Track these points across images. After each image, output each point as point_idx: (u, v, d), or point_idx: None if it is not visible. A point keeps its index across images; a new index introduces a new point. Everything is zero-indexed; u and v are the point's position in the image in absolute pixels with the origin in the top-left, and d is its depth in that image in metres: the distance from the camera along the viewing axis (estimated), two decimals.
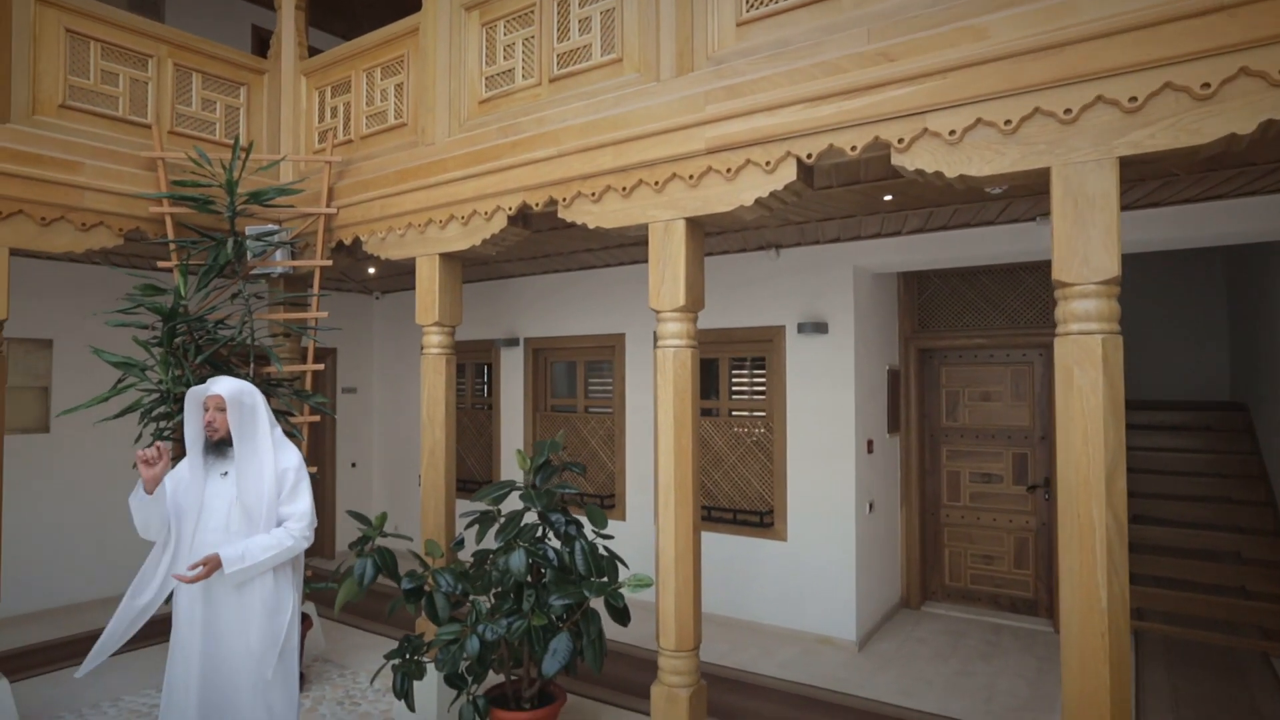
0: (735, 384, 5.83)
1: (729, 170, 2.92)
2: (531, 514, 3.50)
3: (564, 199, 3.39)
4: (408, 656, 3.40)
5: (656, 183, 3.10)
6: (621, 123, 3.20)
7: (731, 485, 5.74)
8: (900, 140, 2.56)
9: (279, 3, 4.87)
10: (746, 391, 5.78)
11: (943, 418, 6.02)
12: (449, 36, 3.93)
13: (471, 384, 7.63)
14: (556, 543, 3.46)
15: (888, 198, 3.96)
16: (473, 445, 7.47)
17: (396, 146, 4.22)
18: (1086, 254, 2.23)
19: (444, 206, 3.84)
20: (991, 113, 2.40)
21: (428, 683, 3.75)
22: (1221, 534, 5.61)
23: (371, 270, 6.43)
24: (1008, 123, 2.37)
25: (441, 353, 4.00)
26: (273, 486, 2.87)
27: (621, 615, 3.24)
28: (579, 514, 5.25)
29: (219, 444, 2.90)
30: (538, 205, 3.50)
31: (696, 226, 3.15)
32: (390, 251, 4.14)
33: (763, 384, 5.67)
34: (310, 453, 4.12)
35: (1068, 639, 2.25)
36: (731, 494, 5.73)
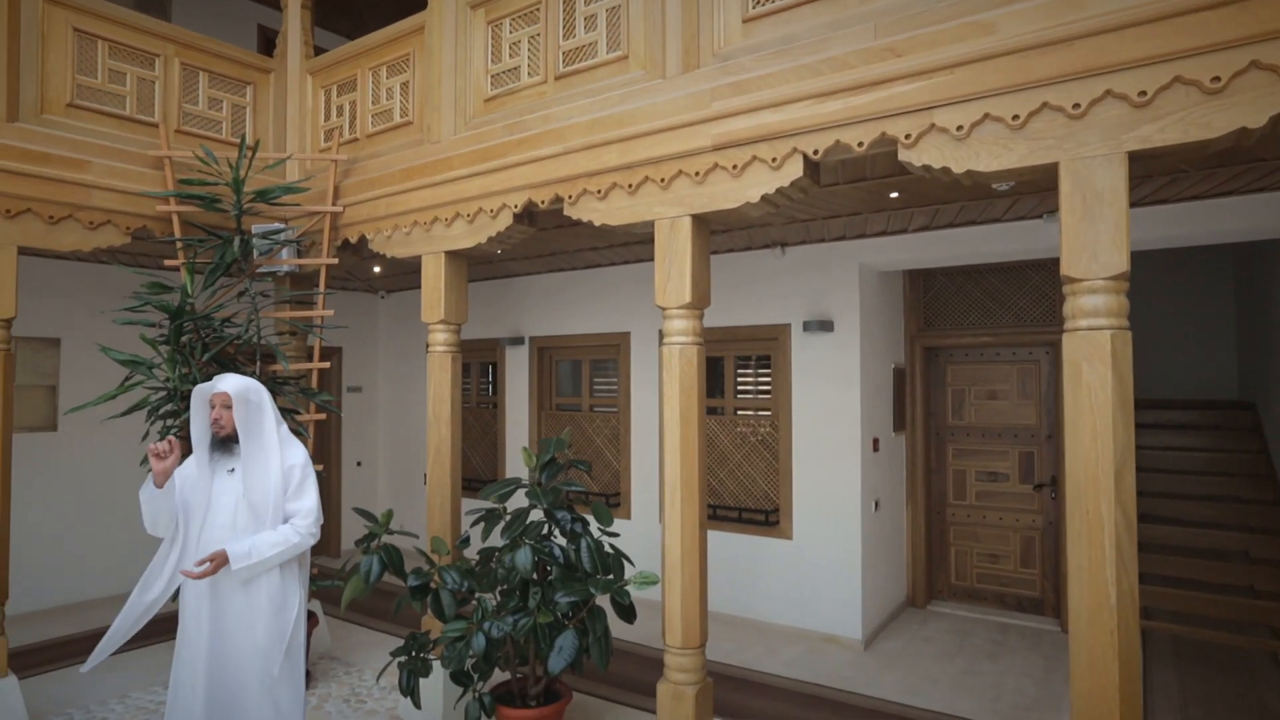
0: (740, 382, 5.82)
1: (735, 167, 2.92)
2: (537, 511, 3.51)
3: (570, 196, 3.39)
4: (414, 654, 3.41)
5: (662, 180, 3.10)
6: (627, 120, 3.20)
7: (737, 484, 5.73)
8: (907, 136, 2.55)
9: (285, 2, 4.88)
10: (751, 390, 5.77)
11: (948, 416, 6.00)
12: (454, 34, 3.93)
13: (476, 383, 7.64)
14: (562, 540, 3.46)
15: (894, 195, 3.95)
16: (478, 444, 7.48)
17: (402, 145, 4.23)
18: (1095, 249, 2.22)
19: (449, 204, 3.85)
20: (999, 108, 2.39)
21: (434, 680, 3.76)
22: (1229, 533, 5.58)
23: (377, 269, 6.44)
24: (1015, 118, 2.36)
25: (447, 350, 4.00)
26: (279, 483, 2.88)
27: (627, 613, 3.24)
28: (585, 513, 5.25)
29: (225, 441, 2.90)
30: (543, 203, 3.50)
31: (702, 223, 3.15)
32: (396, 250, 4.15)
33: (768, 382, 5.66)
34: (316, 451, 4.12)
35: (1076, 636, 2.24)
36: (737, 493, 5.73)
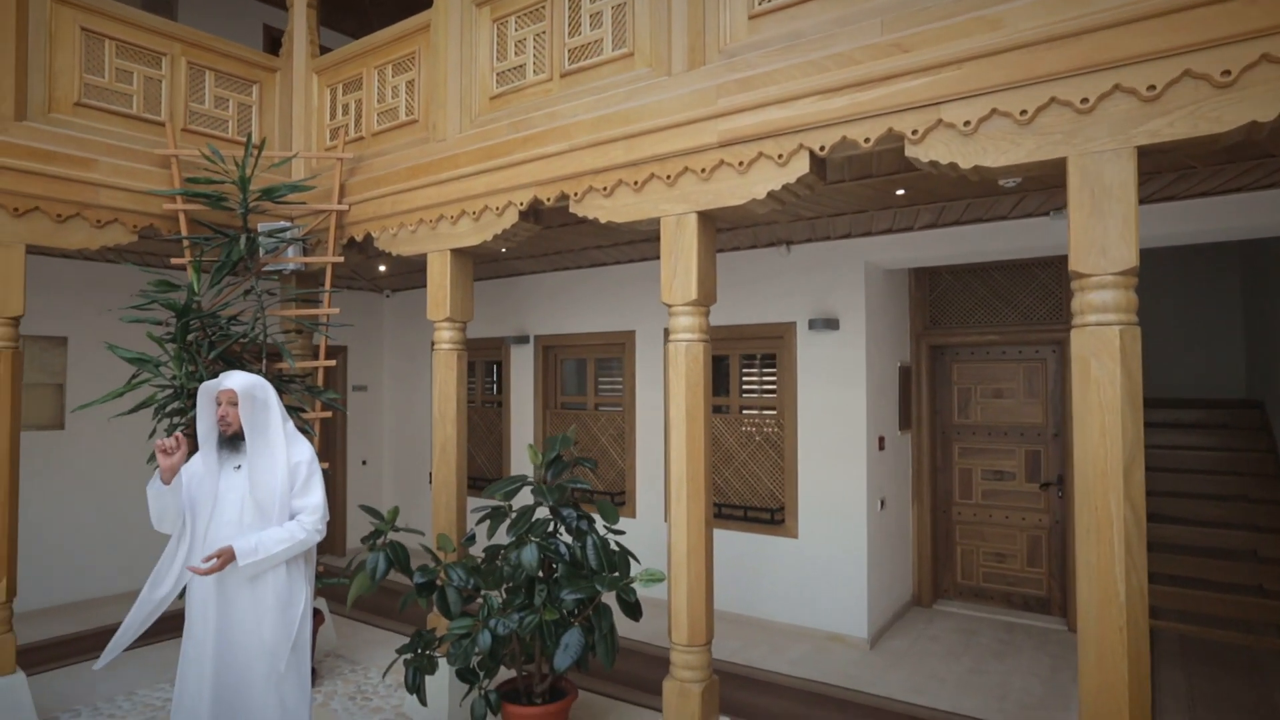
0: (745, 381, 5.81)
1: (741, 163, 2.91)
2: (543, 509, 3.51)
3: (575, 194, 3.39)
4: (420, 651, 3.41)
5: (668, 176, 3.10)
6: (633, 117, 3.19)
7: (742, 482, 5.72)
8: (914, 131, 2.55)
9: (290, 1, 4.89)
10: (756, 389, 5.77)
11: (954, 415, 5.99)
12: (460, 33, 3.93)
13: (481, 382, 7.65)
14: (568, 538, 3.46)
15: (900, 192, 3.94)
16: (483, 443, 7.48)
17: (408, 143, 4.23)
18: (1104, 245, 2.21)
19: (455, 202, 3.85)
20: (1007, 103, 2.38)
21: (439, 677, 3.76)
22: (1238, 532, 5.55)
23: (382, 268, 6.45)
24: (1023, 113, 2.35)
25: (453, 348, 4.00)
26: (285, 480, 2.88)
27: (633, 610, 3.23)
28: (590, 511, 5.25)
29: (232, 438, 2.91)
30: (549, 200, 3.50)
31: (708, 220, 3.14)
32: (402, 247, 4.15)
33: (773, 381, 5.65)
34: (321, 450, 4.13)
35: (1085, 634, 2.23)
36: (742, 491, 5.72)
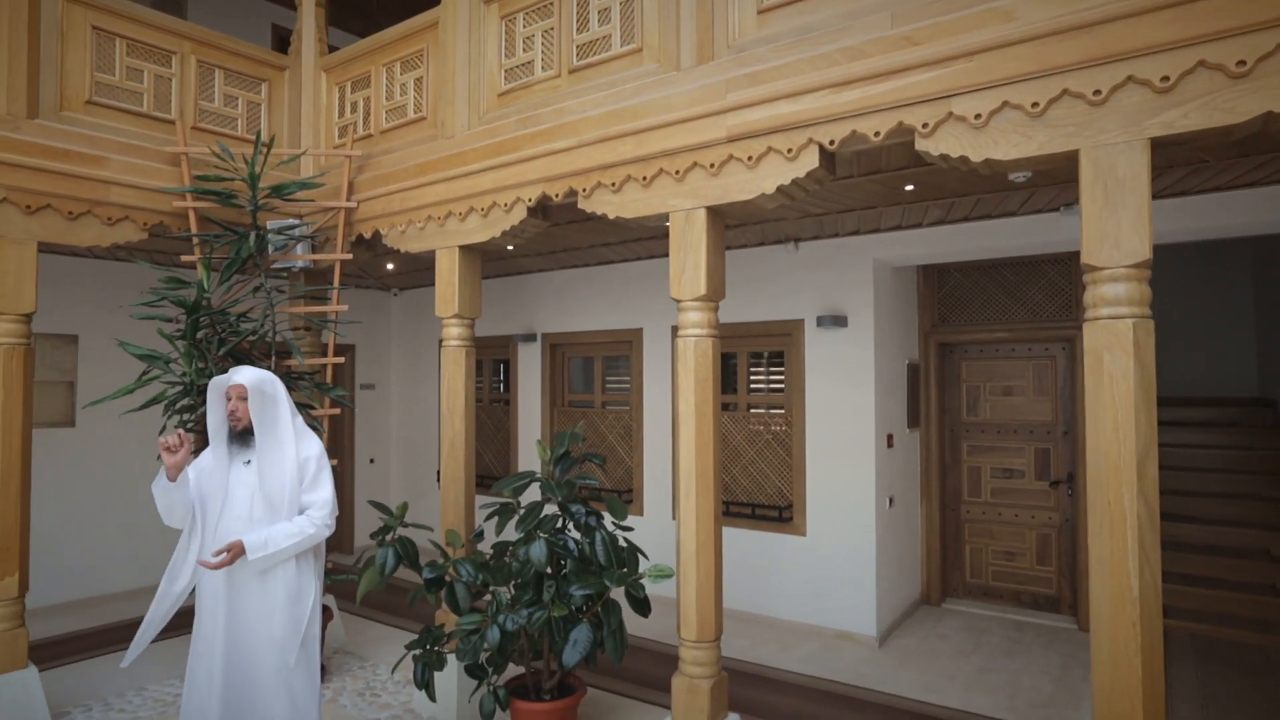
0: (754, 379, 5.80)
1: (750, 158, 2.91)
2: (551, 505, 3.51)
3: (584, 189, 3.39)
4: (429, 647, 3.41)
5: (677, 172, 3.09)
6: (642, 112, 3.19)
7: (750, 480, 5.71)
8: (924, 125, 2.53)
9: (299, 0, 4.91)
10: (764, 386, 5.75)
11: (963, 412, 5.96)
12: (468, 30, 3.94)
13: (489, 380, 7.66)
14: (576, 534, 3.46)
15: (909, 187, 3.92)
16: (490, 441, 7.49)
17: (416, 140, 4.24)
18: (1117, 237, 2.19)
19: (463, 199, 3.85)
20: (1018, 95, 2.36)
21: (448, 673, 3.77)
22: (1250, 531, 5.51)
23: (390, 266, 6.47)
24: (1035, 105, 2.33)
25: (461, 345, 4.01)
26: (294, 475, 2.89)
27: (642, 606, 3.23)
28: (599, 508, 5.25)
29: (242, 433, 2.92)
30: (557, 196, 3.50)
31: (717, 216, 3.14)
32: (410, 244, 4.16)
33: (781, 378, 5.64)
34: (329, 447, 4.13)
35: (1098, 629, 2.21)
36: (750, 489, 5.71)
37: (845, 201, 4.25)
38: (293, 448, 2.92)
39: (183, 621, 2.94)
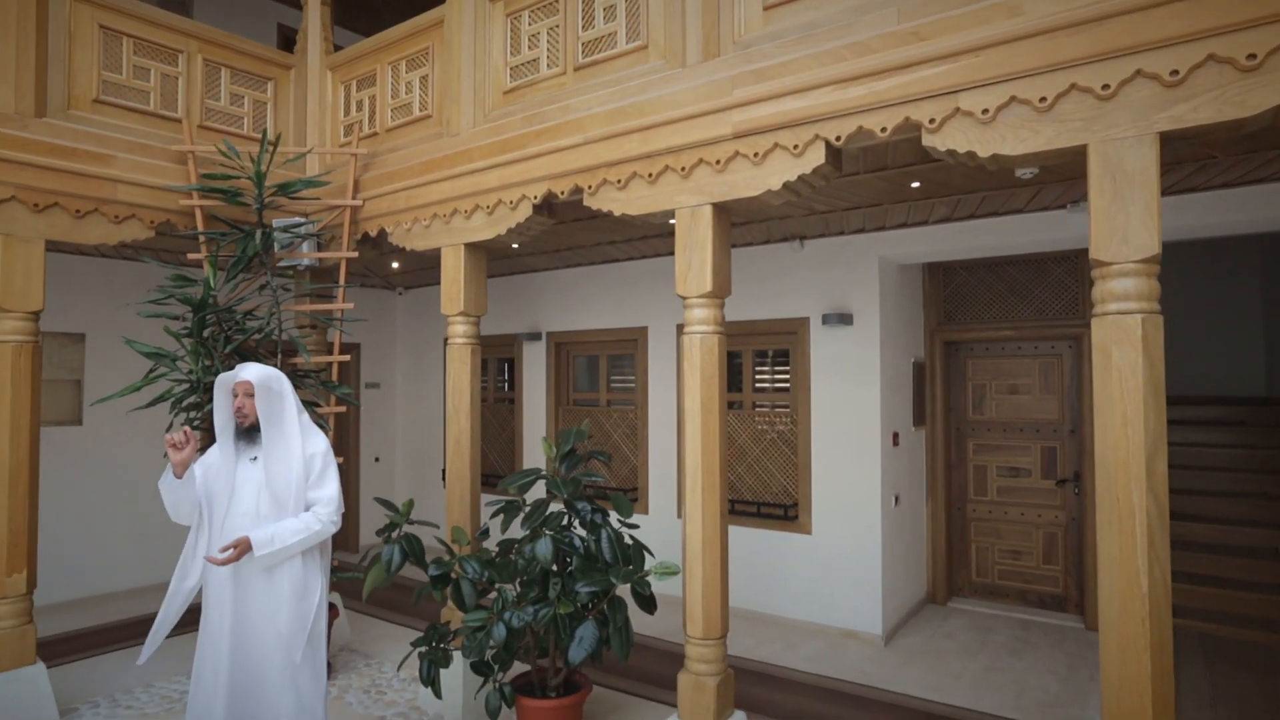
0: (759, 377, 5.79)
1: (756, 154, 2.90)
2: (557, 503, 3.51)
3: (589, 187, 3.39)
4: (434, 644, 3.42)
5: (683, 168, 3.09)
6: (647, 109, 3.19)
7: (755, 479, 5.70)
8: (931, 120, 2.53)
9: None
10: (769, 385, 5.75)
11: (969, 411, 5.94)
12: (474, 27, 3.94)
13: (494, 379, 7.66)
14: (582, 531, 3.45)
15: (915, 184, 3.91)
16: (495, 440, 7.49)
17: (421, 138, 4.25)
18: (1126, 232, 2.18)
19: (469, 196, 3.86)
20: (1026, 90, 2.36)
21: (454, 671, 3.77)
22: (1258, 530, 5.48)
23: (395, 265, 6.47)
24: (1043, 100, 2.32)
25: (467, 342, 4.01)
26: (300, 471, 2.89)
27: (648, 603, 3.23)
28: (604, 506, 5.26)
29: (249, 430, 2.93)
30: (563, 193, 3.49)
31: (723, 212, 3.13)
32: (416, 242, 4.16)
33: (786, 377, 5.63)
34: (335, 445, 4.14)
35: (1107, 626, 2.20)
36: (755, 487, 5.70)
37: (851, 199, 4.24)
38: (299, 444, 2.93)
39: (191, 619, 2.95)
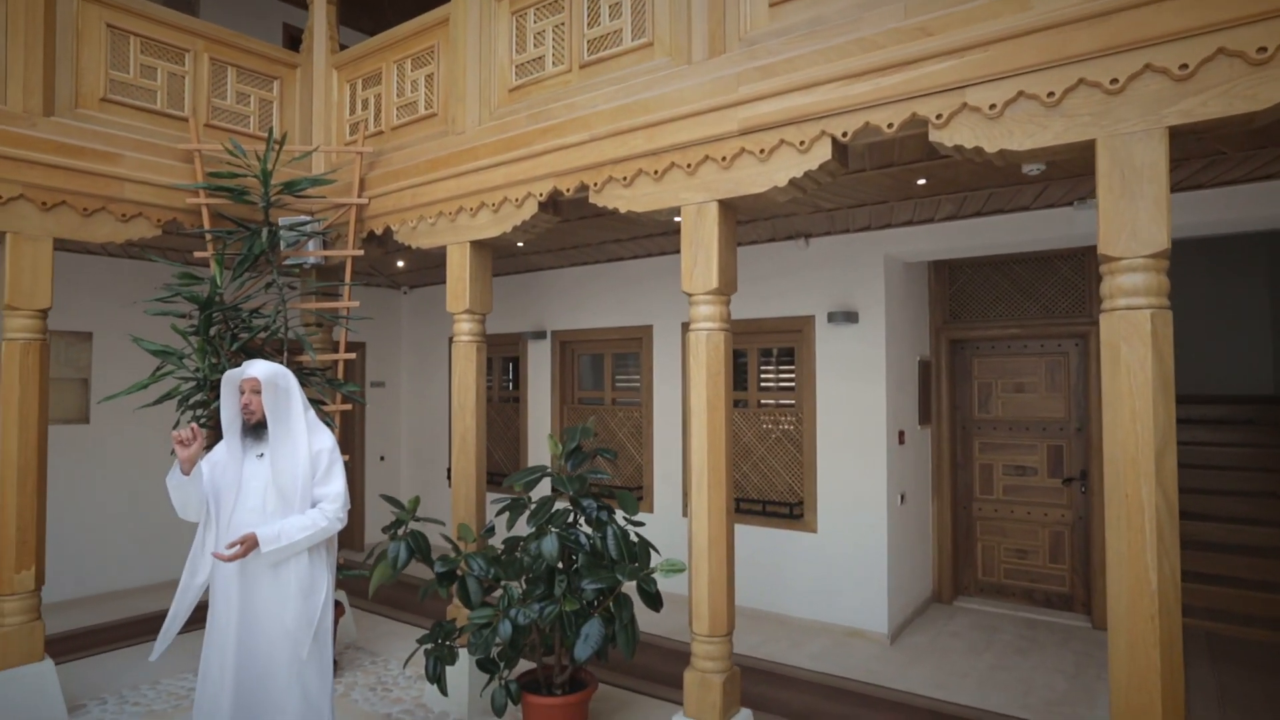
0: (764, 375, 5.79)
1: (762, 151, 2.90)
2: (562, 500, 3.51)
3: (595, 184, 3.39)
4: (440, 641, 3.42)
5: (689, 165, 3.09)
6: (653, 106, 3.19)
7: (761, 477, 5.70)
8: (938, 116, 2.52)
9: None
10: (775, 383, 5.74)
11: (975, 409, 5.92)
12: (479, 26, 3.95)
13: (499, 377, 7.67)
14: (588, 528, 3.46)
15: (921, 181, 3.90)
16: (500, 438, 7.50)
17: (427, 136, 4.25)
18: (1135, 227, 2.17)
19: (474, 194, 3.86)
20: (1034, 85, 2.35)
21: (459, 668, 3.77)
22: (1266, 529, 5.45)
23: (400, 263, 6.48)
24: (1050, 95, 2.32)
25: (472, 340, 4.01)
26: (307, 468, 2.90)
27: (654, 600, 3.22)
28: (609, 503, 5.26)
29: (255, 426, 2.93)
30: (569, 191, 3.50)
31: (729, 209, 3.13)
32: (421, 240, 4.17)
33: (791, 375, 5.62)
34: (340, 443, 4.15)
35: (1116, 624, 2.19)
36: (761, 486, 5.69)
37: (857, 196, 4.23)
38: (305, 441, 2.93)
39: (198, 615, 2.95)
